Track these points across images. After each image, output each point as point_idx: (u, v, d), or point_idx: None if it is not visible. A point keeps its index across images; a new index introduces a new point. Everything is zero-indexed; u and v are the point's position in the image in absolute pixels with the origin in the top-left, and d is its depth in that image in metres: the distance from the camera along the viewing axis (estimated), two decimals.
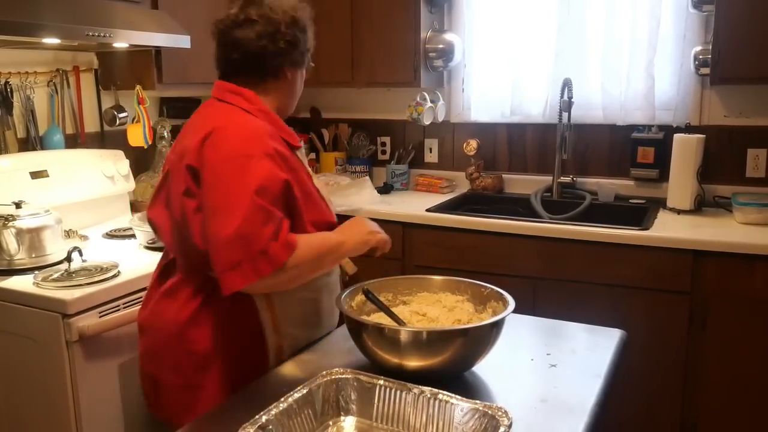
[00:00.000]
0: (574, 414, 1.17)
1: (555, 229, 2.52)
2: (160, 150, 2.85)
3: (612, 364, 1.38)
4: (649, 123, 2.87)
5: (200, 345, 1.43)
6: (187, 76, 2.67)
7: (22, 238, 1.94)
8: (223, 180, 1.31)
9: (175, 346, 1.45)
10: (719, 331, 2.32)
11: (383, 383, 1.14)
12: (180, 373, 1.45)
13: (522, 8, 3.04)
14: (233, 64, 1.49)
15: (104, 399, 1.85)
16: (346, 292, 1.40)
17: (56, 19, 1.96)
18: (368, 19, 3.08)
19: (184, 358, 1.44)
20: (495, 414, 1.02)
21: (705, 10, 2.62)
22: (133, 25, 2.21)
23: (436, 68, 3.15)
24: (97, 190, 2.48)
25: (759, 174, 2.74)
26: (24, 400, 1.86)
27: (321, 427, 1.13)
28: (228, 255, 1.26)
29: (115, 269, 1.92)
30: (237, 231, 1.26)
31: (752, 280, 2.25)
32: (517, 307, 1.33)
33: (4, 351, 1.86)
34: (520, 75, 3.08)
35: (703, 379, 2.36)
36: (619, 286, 2.42)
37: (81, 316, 1.76)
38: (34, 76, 2.45)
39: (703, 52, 2.64)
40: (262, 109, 1.47)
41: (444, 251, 2.72)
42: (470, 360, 1.29)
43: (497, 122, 3.19)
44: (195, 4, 2.68)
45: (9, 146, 2.36)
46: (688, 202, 2.67)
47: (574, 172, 3.06)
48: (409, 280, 1.51)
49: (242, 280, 1.27)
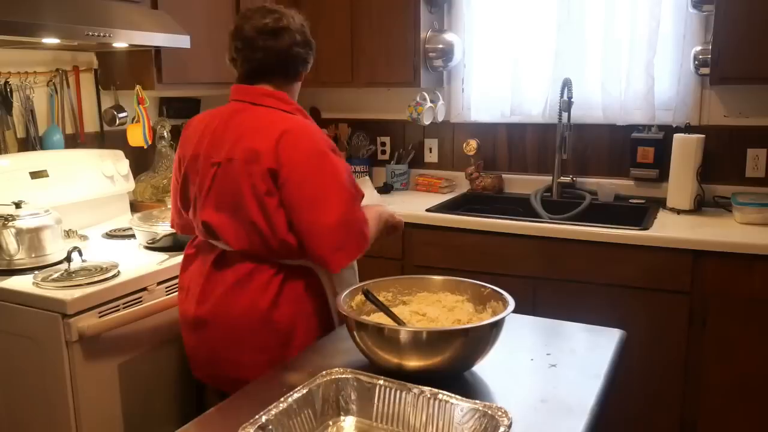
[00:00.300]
0: (573, 414, 1.17)
1: (555, 229, 2.52)
2: (160, 150, 2.85)
3: (612, 364, 1.38)
4: (649, 123, 2.87)
5: (283, 323, 1.59)
6: (187, 76, 2.67)
7: (22, 238, 1.94)
8: (311, 175, 1.51)
9: (259, 328, 1.59)
10: (719, 331, 2.32)
11: (383, 383, 1.14)
12: (266, 351, 1.59)
13: (522, 8, 3.04)
14: (266, 67, 1.62)
15: (104, 399, 1.85)
16: (345, 292, 1.40)
17: (56, 18, 1.96)
18: (368, 19, 3.08)
19: (270, 338, 1.59)
20: (495, 414, 1.02)
21: (705, 10, 2.62)
22: (133, 25, 2.21)
23: (435, 68, 3.15)
24: (96, 190, 2.48)
25: (759, 174, 2.75)
26: (23, 401, 1.86)
27: (321, 427, 1.13)
28: (334, 239, 1.50)
29: (114, 269, 1.92)
30: (340, 218, 1.50)
31: (752, 280, 2.25)
32: (517, 307, 1.33)
33: (4, 351, 1.86)
34: (520, 75, 3.08)
35: (703, 379, 2.36)
36: (619, 286, 2.42)
37: (81, 316, 1.75)
38: (33, 76, 2.45)
39: (703, 52, 2.64)
40: (298, 109, 1.64)
41: (444, 251, 2.72)
42: (470, 360, 1.29)
43: (497, 122, 3.19)
44: (195, 4, 2.68)
45: (9, 146, 2.35)
46: (688, 202, 2.67)
47: (573, 172, 3.06)
48: (409, 280, 1.51)
49: (348, 259, 1.54)
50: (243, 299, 1.58)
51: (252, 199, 1.52)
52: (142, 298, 1.93)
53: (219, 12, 2.81)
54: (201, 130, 1.63)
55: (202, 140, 1.61)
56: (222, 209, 1.57)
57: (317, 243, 1.51)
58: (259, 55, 1.60)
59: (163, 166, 2.85)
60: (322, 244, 1.51)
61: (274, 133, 1.51)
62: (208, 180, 1.58)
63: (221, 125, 1.59)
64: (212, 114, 1.66)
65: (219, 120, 1.61)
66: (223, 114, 1.62)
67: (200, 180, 1.60)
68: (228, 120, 1.59)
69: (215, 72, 2.82)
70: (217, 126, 1.60)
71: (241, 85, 1.64)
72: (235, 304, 1.58)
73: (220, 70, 2.83)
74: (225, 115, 1.61)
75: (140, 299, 1.92)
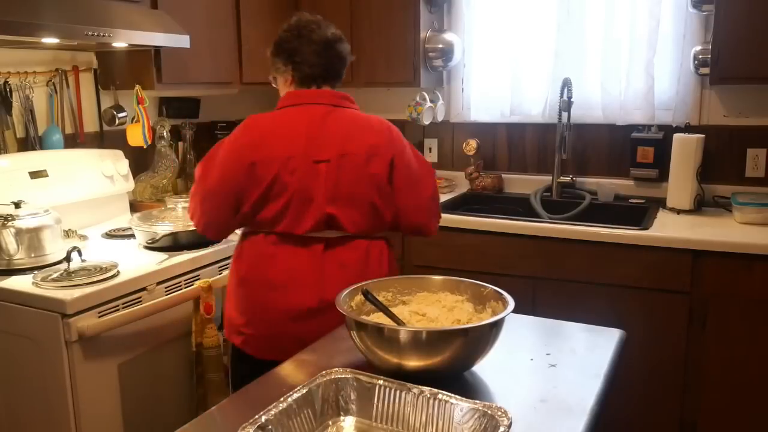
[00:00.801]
0: (573, 414, 1.17)
1: (555, 229, 2.52)
2: (160, 150, 2.85)
3: (612, 363, 1.38)
4: (649, 123, 2.87)
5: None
6: (187, 76, 2.68)
7: (22, 238, 1.94)
8: (411, 162, 1.83)
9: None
10: (719, 331, 2.32)
11: (383, 383, 1.14)
12: None
13: (521, 8, 3.04)
14: (336, 72, 1.84)
15: (103, 399, 1.85)
16: (345, 292, 1.40)
17: (55, 18, 1.96)
18: (368, 19, 3.08)
19: None
20: (494, 414, 1.02)
21: (705, 9, 2.62)
22: (133, 25, 2.21)
23: (435, 68, 3.15)
24: (96, 190, 2.48)
25: (758, 174, 2.75)
26: (23, 401, 1.86)
27: (321, 427, 1.13)
28: (433, 209, 1.88)
29: (114, 269, 1.92)
30: (434, 193, 1.88)
31: (752, 279, 2.25)
32: (517, 307, 1.33)
33: (4, 351, 1.86)
34: (520, 75, 3.08)
35: (703, 379, 2.36)
36: (619, 285, 2.42)
37: (80, 316, 1.75)
38: (33, 75, 2.45)
39: (703, 52, 2.64)
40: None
41: (443, 251, 2.72)
42: (470, 360, 1.28)
43: (497, 122, 3.19)
44: (195, 4, 2.68)
45: (8, 146, 2.35)
46: (688, 202, 2.67)
47: (573, 172, 3.06)
48: (409, 280, 1.51)
49: (438, 223, 1.91)
50: (369, 272, 1.74)
51: (372, 186, 1.75)
52: (141, 298, 1.93)
53: (219, 12, 2.82)
54: (282, 133, 1.74)
55: (293, 142, 1.72)
56: (339, 199, 1.73)
57: (421, 214, 1.84)
58: (332, 61, 1.81)
59: (163, 166, 2.85)
60: (423, 214, 1.84)
61: (384, 129, 1.81)
62: (319, 176, 1.72)
63: (315, 127, 1.74)
64: (289, 117, 1.77)
65: (308, 122, 1.75)
66: (308, 117, 1.76)
67: (301, 177, 1.71)
68: (322, 122, 1.75)
69: (215, 72, 2.83)
70: (310, 128, 1.74)
71: (307, 90, 1.81)
72: (361, 279, 1.59)
73: (220, 69, 2.88)
74: (315, 118, 1.75)
75: (140, 299, 1.92)
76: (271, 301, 1.75)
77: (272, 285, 1.75)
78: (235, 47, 2.92)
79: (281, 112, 1.79)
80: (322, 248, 1.76)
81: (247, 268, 1.79)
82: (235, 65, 2.94)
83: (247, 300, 1.78)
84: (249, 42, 2.96)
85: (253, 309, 1.77)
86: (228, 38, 2.88)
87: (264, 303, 1.76)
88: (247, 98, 3.43)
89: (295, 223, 1.73)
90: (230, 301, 1.83)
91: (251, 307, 1.77)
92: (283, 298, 1.74)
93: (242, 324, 1.78)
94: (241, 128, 1.78)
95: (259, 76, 3.06)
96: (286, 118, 1.77)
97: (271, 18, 3.05)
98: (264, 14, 3.04)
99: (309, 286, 1.74)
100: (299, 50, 1.78)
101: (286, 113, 1.79)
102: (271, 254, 1.76)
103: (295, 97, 1.80)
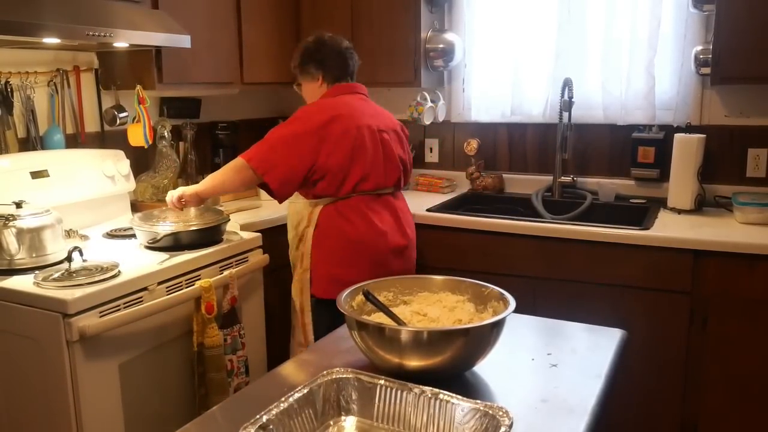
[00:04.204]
0: (574, 414, 1.17)
1: (555, 229, 2.52)
2: (161, 150, 2.85)
3: (612, 364, 1.38)
4: (650, 123, 2.87)
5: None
6: (188, 76, 2.68)
7: (23, 237, 1.94)
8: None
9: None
10: (719, 331, 2.32)
11: (384, 383, 1.14)
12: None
13: (522, 8, 3.04)
14: (353, 72, 2.40)
15: (104, 399, 1.85)
16: (345, 293, 1.40)
17: (56, 18, 1.96)
18: (368, 19, 3.08)
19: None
20: (495, 414, 1.02)
21: (705, 9, 2.62)
22: (134, 25, 2.21)
23: (436, 68, 3.15)
24: (97, 190, 2.48)
25: (759, 174, 2.74)
26: (24, 400, 1.86)
27: (322, 427, 1.13)
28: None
29: (115, 269, 1.92)
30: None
31: (752, 280, 2.25)
32: (518, 306, 1.33)
33: (4, 351, 1.86)
34: (521, 75, 3.08)
35: (704, 379, 2.36)
36: (620, 285, 2.42)
37: (81, 315, 1.75)
38: (34, 75, 2.45)
39: (704, 52, 2.64)
40: None
41: (444, 251, 2.72)
42: (471, 360, 1.29)
43: (497, 122, 3.19)
44: (195, 4, 2.68)
45: (9, 146, 2.35)
46: (689, 202, 2.67)
47: (574, 172, 3.06)
48: (410, 280, 1.51)
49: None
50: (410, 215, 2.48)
51: (403, 152, 2.41)
52: (142, 298, 1.93)
53: (220, 12, 2.82)
54: (351, 113, 2.25)
55: (362, 117, 2.27)
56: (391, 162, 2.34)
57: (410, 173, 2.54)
58: (352, 64, 2.38)
59: (164, 166, 2.85)
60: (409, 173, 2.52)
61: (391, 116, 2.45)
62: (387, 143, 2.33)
63: (368, 109, 2.33)
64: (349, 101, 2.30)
65: (360, 106, 2.31)
66: (359, 102, 2.33)
67: (373, 144, 2.27)
68: (365, 106, 2.34)
69: (215, 72, 2.83)
70: (365, 109, 2.32)
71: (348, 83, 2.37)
72: (411, 219, 2.48)
73: (221, 70, 2.88)
74: (363, 103, 2.35)
75: (141, 299, 1.92)
76: (382, 244, 2.26)
77: (381, 232, 2.27)
78: (236, 47, 2.92)
79: (342, 97, 2.31)
80: (390, 200, 2.35)
81: (358, 223, 2.24)
82: (236, 65, 2.94)
83: (360, 250, 2.23)
84: (250, 42, 2.96)
85: (369, 255, 2.24)
86: (229, 38, 2.88)
87: (376, 247, 2.25)
88: (247, 98, 3.43)
89: (384, 182, 2.31)
90: (333, 259, 2.25)
91: (365, 254, 2.23)
92: (386, 240, 2.28)
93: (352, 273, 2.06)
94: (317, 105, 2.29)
95: (259, 76, 3.07)
96: (348, 101, 2.30)
97: (272, 18, 3.06)
98: (265, 14, 3.04)
99: (398, 229, 2.34)
100: (328, 56, 2.33)
101: (343, 98, 2.31)
102: (372, 209, 2.27)
103: (344, 88, 2.34)
